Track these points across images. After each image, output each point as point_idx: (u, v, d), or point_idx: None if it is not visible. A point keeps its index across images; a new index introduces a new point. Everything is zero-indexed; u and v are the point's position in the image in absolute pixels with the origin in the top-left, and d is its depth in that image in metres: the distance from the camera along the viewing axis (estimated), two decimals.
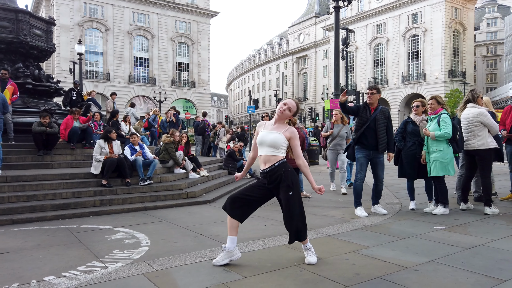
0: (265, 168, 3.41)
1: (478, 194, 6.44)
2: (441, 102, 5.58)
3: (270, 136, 3.40)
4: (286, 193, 3.34)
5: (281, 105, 3.48)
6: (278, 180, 3.36)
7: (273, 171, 3.37)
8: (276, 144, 3.37)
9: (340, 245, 4.05)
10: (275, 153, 3.38)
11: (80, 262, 3.63)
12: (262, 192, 3.47)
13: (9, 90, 8.74)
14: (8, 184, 6.45)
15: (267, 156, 3.39)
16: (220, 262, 3.42)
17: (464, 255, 3.61)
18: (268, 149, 3.39)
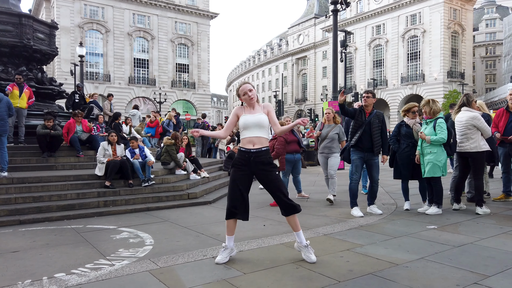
0: (252, 148, 3.60)
1: (471, 195, 6.63)
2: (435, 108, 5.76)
3: (255, 117, 3.64)
4: (273, 173, 3.66)
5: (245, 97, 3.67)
6: (263, 162, 3.61)
7: (260, 153, 3.61)
8: (261, 123, 3.63)
9: (335, 244, 4.24)
10: (263, 134, 3.64)
11: (88, 260, 3.82)
12: (244, 178, 3.65)
13: (26, 94, 9.01)
14: (14, 185, 6.64)
15: (256, 138, 3.61)
16: (223, 260, 3.62)
17: (452, 253, 3.80)
18: (255, 130, 3.62)
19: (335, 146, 7.09)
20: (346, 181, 8.15)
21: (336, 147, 7.07)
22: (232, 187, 3.66)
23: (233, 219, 3.69)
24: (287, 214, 3.64)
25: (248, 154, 3.62)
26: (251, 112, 3.69)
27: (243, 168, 3.64)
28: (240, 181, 3.64)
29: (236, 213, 3.64)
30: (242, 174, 3.65)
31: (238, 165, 3.67)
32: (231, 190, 3.67)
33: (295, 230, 3.70)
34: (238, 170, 3.66)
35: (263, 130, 3.65)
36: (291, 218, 3.65)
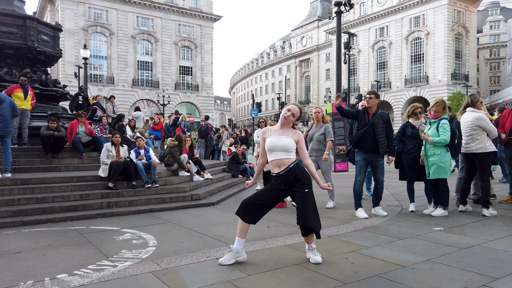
0: (279, 171, 3.56)
1: (477, 196, 6.56)
2: (444, 107, 5.72)
3: (281, 141, 3.57)
4: (302, 190, 3.52)
5: (285, 112, 3.64)
6: (294, 180, 3.53)
7: (288, 172, 3.53)
8: (287, 148, 3.55)
9: (340, 245, 4.19)
10: (288, 156, 3.56)
11: (91, 261, 3.79)
12: (275, 194, 3.64)
13: (30, 96, 9.03)
14: (18, 186, 6.63)
15: (280, 160, 3.56)
16: (226, 262, 3.56)
17: (459, 255, 3.74)
18: (280, 153, 3.56)
19: (323, 148, 6.60)
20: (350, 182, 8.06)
21: (325, 148, 6.59)
22: (262, 194, 3.67)
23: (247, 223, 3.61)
24: (302, 234, 3.61)
25: (279, 178, 3.58)
26: (278, 134, 3.63)
27: (276, 188, 3.63)
28: (271, 195, 3.63)
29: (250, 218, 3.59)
30: (275, 192, 3.63)
31: (273, 185, 3.66)
32: (259, 195, 3.65)
33: (307, 242, 3.69)
34: (271, 188, 3.66)
35: (286, 153, 3.56)
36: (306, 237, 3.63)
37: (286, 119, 3.62)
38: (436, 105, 5.78)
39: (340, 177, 12.03)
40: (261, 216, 3.67)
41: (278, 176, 3.57)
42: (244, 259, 3.64)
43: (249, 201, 3.62)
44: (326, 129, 6.66)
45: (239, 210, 3.63)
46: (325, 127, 6.68)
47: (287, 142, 3.56)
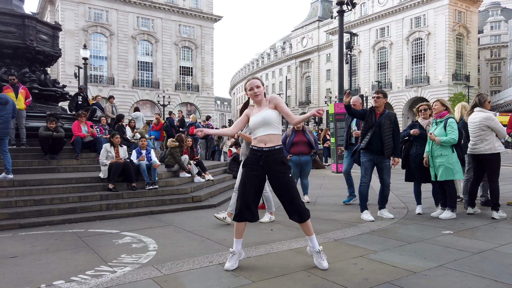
0: (264, 147, 3.41)
1: (485, 199, 6.41)
2: (445, 105, 5.58)
3: (260, 115, 3.45)
4: (287, 175, 3.43)
5: (250, 93, 3.51)
6: (275, 162, 3.42)
7: (272, 152, 3.41)
8: (268, 120, 3.41)
9: (348, 250, 4.04)
10: (271, 131, 3.42)
11: (89, 266, 3.65)
12: (256, 177, 3.47)
13: (22, 95, 8.83)
14: (15, 188, 6.48)
15: (266, 136, 3.42)
16: (233, 267, 3.44)
17: (472, 260, 3.59)
18: (263, 128, 3.43)
19: None
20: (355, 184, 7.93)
21: None
22: (243, 187, 3.47)
23: (243, 221, 3.50)
24: (301, 221, 3.46)
25: (260, 152, 3.43)
26: (258, 111, 3.51)
27: (254, 167, 3.46)
28: (252, 181, 3.46)
29: (246, 215, 3.46)
30: (254, 174, 3.47)
31: (249, 165, 3.49)
32: (241, 190, 3.48)
33: (307, 234, 3.53)
34: (250, 170, 3.49)
35: (272, 127, 3.43)
36: (304, 223, 3.47)
37: (257, 96, 3.50)
38: (435, 104, 5.65)
39: (343, 178, 11.88)
40: (254, 209, 3.47)
41: (261, 150, 3.42)
42: (244, 257, 3.63)
43: (238, 209, 3.47)
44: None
45: (234, 217, 3.53)
46: None
47: (266, 114, 3.43)
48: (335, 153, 13.85)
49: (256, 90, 3.49)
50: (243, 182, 3.51)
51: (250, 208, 3.44)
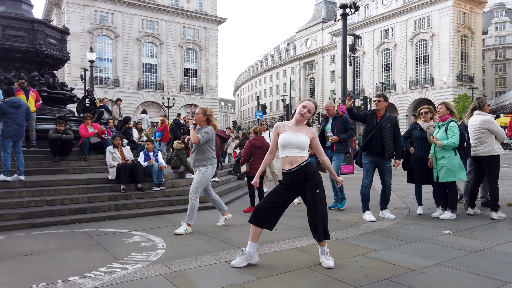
0: (291, 168, 3.53)
1: (485, 200, 6.53)
2: (450, 109, 5.73)
3: (297, 138, 3.55)
4: (313, 190, 3.50)
5: (300, 109, 3.61)
6: (305, 179, 3.52)
7: (300, 170, 3.51)
8: (302, 146, 3.55)
9: (349, 249, 4.19)
10: (302, 154, 3.55)
11: (101, 264, 3.82)
12: (286, 194, 3.62)
13: (32, 98, 9.05)
14: (27, 189, 6.69)
15: (294, 158, 3.53)
16: (239, 264, 3.58)
17: (469, 259, 3.73)
18: (294, 150, 3.54)
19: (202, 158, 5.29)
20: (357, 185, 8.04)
21: (205, 158, 5.29)
22: (272, 195, 3.62)
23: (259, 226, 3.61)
24: (318, 240, 3.59)
25: (289, 175, 3.56)
26: (293, 130, 3.60)
27: (287, 187, 3.61)
28: (281, 194, 3.61)
29: (262, 221, 3.59)
30: (286, 190, 3.61)
31: (284, 184, 3.64)
32: (270, 197, 3.62)
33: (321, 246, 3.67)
34: (282, 188, 3.64)
35: (301, 151, 3.56)
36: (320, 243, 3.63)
37: (302, 116, 3.59)
38: (439, 107, 5.80)
39: (347, 179, 12.00)
40: (276, 220, 3.65)
41: (289, 173, 3.54)
42: (256, 262, 3.66)
43: (260, 206, 3.63)
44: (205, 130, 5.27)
45: (252, 218, 3.62)
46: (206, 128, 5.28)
47: (303, 140, 3.54)
48: None
49: (306, 112, 3.58)
50: (275, 191, 3.65)
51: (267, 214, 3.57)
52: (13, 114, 7.06)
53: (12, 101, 7.16)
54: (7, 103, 7.09)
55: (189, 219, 5.18)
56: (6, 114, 6.98)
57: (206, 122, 5.35)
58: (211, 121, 5.37)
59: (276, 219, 3.65)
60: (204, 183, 5.35)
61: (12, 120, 7.03)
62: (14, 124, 7.04)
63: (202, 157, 5.30)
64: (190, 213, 5.19)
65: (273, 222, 3.63)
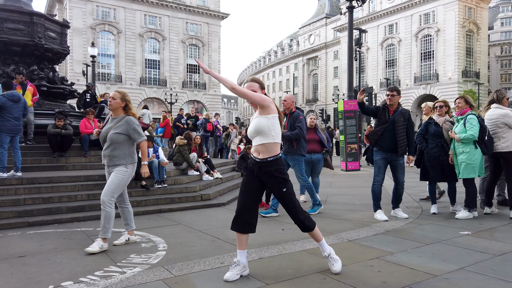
0: (257, 158, 3.22)
1: (502, 198, 6.24)
2: (469, 102, 5.43)
3: (252, 124, 3.24)
4: (280, 190, 3.23)
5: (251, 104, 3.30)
6: (269, 175, 3.21)
7: (265, 164, 3.19)
8: (258, 129, 3.17)
9: (363, 251, 3.91)
10: (265, 139, 3.16)
11: (98, 267, 3.57)
12: (255, 190, 3.29)
13: (30, 92, 8.78)
14: (24, 186, 6.45)
15: (259, 146, 3.19)
16: (233, 278, 3.13)
17: (494, 263, 3.45)
18: (257, 138, 3.20)
19: (120, 154, 4.28)
20: (364, 182, 7.80)
21: (123, 155, 4.28)
22: (241, 195, 3.31)
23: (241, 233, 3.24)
24: (304, 230, 3.36)
25: (253, 163, 3.25)
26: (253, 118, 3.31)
27: (252, 174, 3.29)
28: (249, 189, 3.28)
29: (242, 225, 3.21)
30: (251, 181, 3.29)
31: (248, 170, 3.33)
32: (240, 197, 3.31)
33: (316, 240, 3.40)
34: (248, 175, 3.32)
35: (264, 135, 3.16)
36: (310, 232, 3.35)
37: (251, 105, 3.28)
38: (458, 102, 5.51)
39: (353, 176, 11.76)
40: (256, 219, 3.29)
41: (254, 161, 3.24)
42: (247, 273, 3.25)
43: (239, 210, 3.25)
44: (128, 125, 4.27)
45: (234, 223, 3.25)
46: (126, 121, 4.28)
47: (256, 123, 3.19)
48: (344, 151, 13.69)
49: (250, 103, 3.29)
50: (242, 187, 3.36)
51: (245, 217, 3.22)
52: (12, 108, 6.81)
53: (12, 95, 6.91)
54: (7, 96, 6.84)
55: (105, 232, 4.14)
56: (4, 108, 6.73)
57: (123, 110, 4.38)
58: (130, 109, 4.40)
59: (256, 218, 3.31)
60: (123, 185, 4.31)
61: (10, 114, 6.78)
62: (11, 118, 6.79)
63: (120, 153, 4.24)
64: (106, 224, 4.15)
65: (254, 223, 3.27)
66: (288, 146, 5.91)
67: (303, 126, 5.86)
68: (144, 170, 4.47)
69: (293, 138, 5.83)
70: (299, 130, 5.79)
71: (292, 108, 6.05)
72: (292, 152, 5.91)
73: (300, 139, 5.88)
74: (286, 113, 6.05)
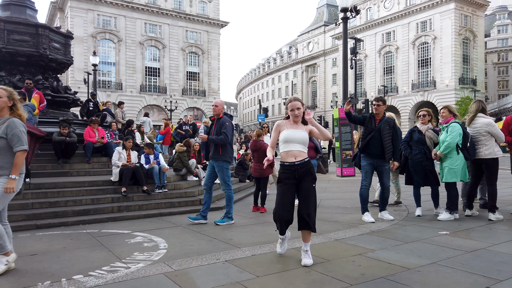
0: (295, 161, 3.81)
1: (483, 201, 6.59)
2: (452, 111, 5.81)
3: (298, 134, 3.85)
4: (310, 184, 3.83)
5: (291, 113, 3.88)
6: (306, 173, 3.82)
7: (303, 164, 3.83)
8: (304, 141, 3.87)
9: (347, 248, 4.27)
10: (304, 149, 3.88)
11: (104, 263, 3.92)
12: (291, 189, 3.83)
13: (36, 99, 9.09)
14: (31, 191, 6.80)
15: (298, 152, 3.83)
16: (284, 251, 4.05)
17: (465, 258, 3.80)
18: (298, 145, 3.84)
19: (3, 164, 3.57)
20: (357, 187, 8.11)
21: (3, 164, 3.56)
22: (282, 201, 3.81)
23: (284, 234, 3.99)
24: (303, 227, 3.77)
25: (293, 167, 3.82)
26: (293, 127, 3.89)
27: (290, 181, 3.83)
28: (289, 194, 3.83)
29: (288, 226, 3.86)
30: (290, 187, 3.83)
31: (284, 179, 3.85)
32: (281, 203, 3.80)
33: (305, 241, 3.81)
34: (285, 184, 3.84)
35: (303, 146, 3.87)
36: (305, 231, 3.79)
37: (297, 117, 3.88)
38: (442, 111, 5.88)
39: (348, 182, 12.10)
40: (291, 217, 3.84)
41: (293, 165, 3.81)
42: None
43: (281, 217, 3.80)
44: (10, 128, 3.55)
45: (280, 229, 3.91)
46: (8, 124, 3.56)
47: (305, 136, 3.86)
48: (339, 157, 14.05)
49: (297, 112, 3.86)
50: (280, 195, 3.84)
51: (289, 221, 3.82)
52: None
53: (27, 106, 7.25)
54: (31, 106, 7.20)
55: (1, 248, 3.61)
56: None
57: (9, 110, 3.69)
58: (17, 109, 3.72)
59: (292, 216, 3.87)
60: (4, 200, 3.62)
61: None
62: None
63: (1, 162, 3.57)
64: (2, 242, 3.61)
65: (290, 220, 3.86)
66: (214, 151, 5.96)
67: (228, 132, 5.89)
68: (9, 185, 3.49)
69: (218, 143, 5.86)
70: (225, 136, 5.85)
71: (220, 114, 6.07)
72: (217, 158, 5.94)
73: (226, 145, 5.94)
74: (214, 118, 6.16)
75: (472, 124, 5.90)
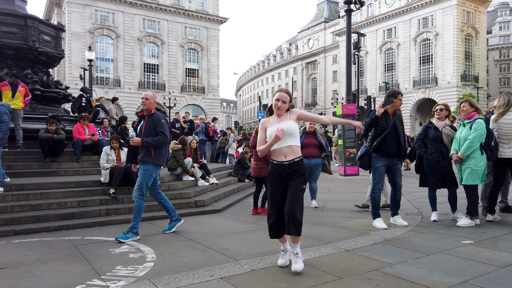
0: (284, 161, 3.44)
1: (504, 204, 6.06)
2: (474, 105, 5.23)
3: (283, 125, 3.41)
4: (300, 185, 3.44)
5: (275, 103, 3.52)
6: (294, 173, 3.44)
7: (292, 164, 3.44)
8: (292, 131, 3.44)
9: (361, 262, 3.72)
10: (295, 142, 3.47)
11: (81, 280, 3.38)
12: (280, 189, 3.48)
13: (21, 93, 8.50)
14: (12, 192, 6.26)
15: (288, 148, 3.44)
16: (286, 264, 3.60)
17: (499, 275, 3.27)
18: (287, 139, 3.42)
19: None
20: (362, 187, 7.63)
21: None
22: (272, 203, 3.50)
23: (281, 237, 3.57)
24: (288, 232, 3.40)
25: (281, 167, 3.46)
26: (277, 121, 3.52)
27: (277, 181, 3.50)
28: (279, 196, 3.49)
29: (280, 230, 3.50)
30: (279, 187, 3.50)
31: (272, 178, 3.53)
32: (271, 206, 3.47)
33: (292, 241, 3.50)
34: (274, 183, 3.52)
35: (293, 138, 3.47)
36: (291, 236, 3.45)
37: (279, 109, 3.51)
38: (462, 105, 5.30)
39: (352, 181, 11.57)
40: None
41: (281, 164, 3.46)
42: None
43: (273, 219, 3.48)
44: None
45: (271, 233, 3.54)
46: None
47: (291, 125, 3.45)
48: (343, 156, 13.52)
49: (280, 104, 3.49)
50: (271, 197, 3.53)
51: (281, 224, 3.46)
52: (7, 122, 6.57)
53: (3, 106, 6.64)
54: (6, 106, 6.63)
55: None
56: None
57: None
58: None
59: None
60: None
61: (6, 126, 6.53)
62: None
63: None
64: None
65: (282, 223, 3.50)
66: (145, 154, 4.96)
67: (166, 132, 5.01)
68: None
69: (156, 145, 4.95)
70: (163, 136, 4.94)
71: (152, 109, 5.14)
72: (149, 161, 4.95)
73: (161, 147, 5.03)
74: (143, 114, 5.16)
75: (504, 119, 5.26)
